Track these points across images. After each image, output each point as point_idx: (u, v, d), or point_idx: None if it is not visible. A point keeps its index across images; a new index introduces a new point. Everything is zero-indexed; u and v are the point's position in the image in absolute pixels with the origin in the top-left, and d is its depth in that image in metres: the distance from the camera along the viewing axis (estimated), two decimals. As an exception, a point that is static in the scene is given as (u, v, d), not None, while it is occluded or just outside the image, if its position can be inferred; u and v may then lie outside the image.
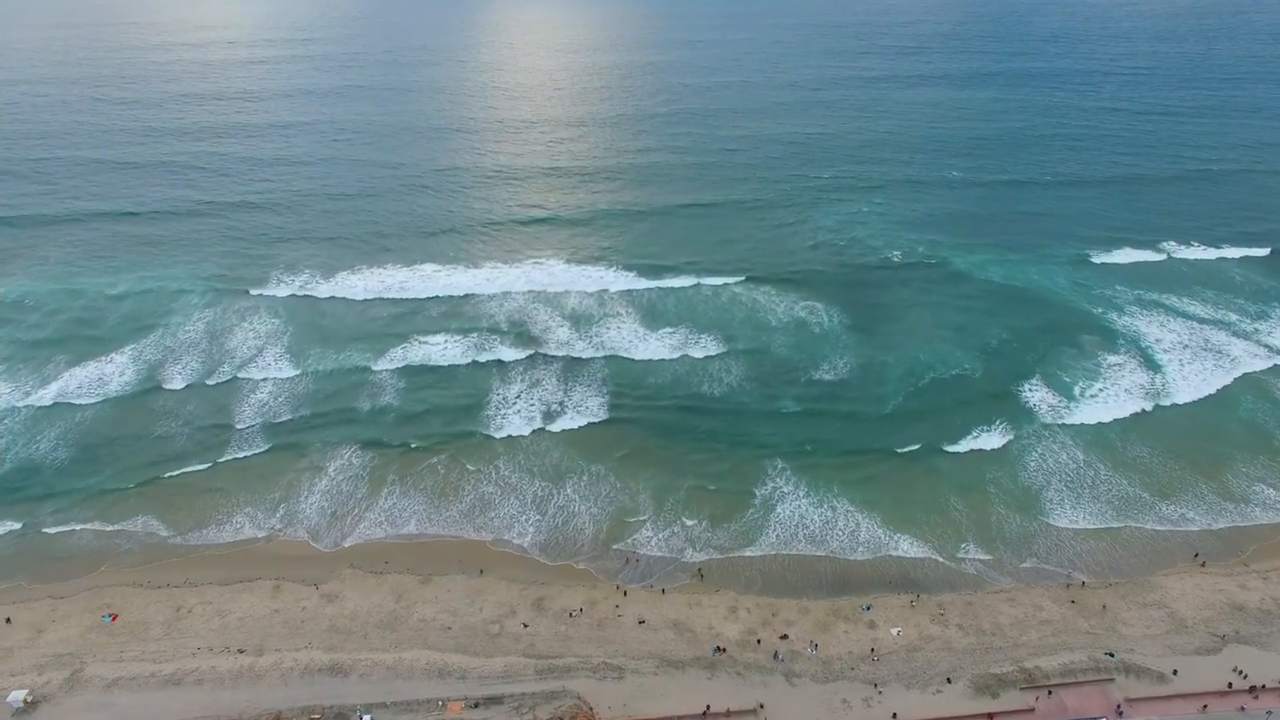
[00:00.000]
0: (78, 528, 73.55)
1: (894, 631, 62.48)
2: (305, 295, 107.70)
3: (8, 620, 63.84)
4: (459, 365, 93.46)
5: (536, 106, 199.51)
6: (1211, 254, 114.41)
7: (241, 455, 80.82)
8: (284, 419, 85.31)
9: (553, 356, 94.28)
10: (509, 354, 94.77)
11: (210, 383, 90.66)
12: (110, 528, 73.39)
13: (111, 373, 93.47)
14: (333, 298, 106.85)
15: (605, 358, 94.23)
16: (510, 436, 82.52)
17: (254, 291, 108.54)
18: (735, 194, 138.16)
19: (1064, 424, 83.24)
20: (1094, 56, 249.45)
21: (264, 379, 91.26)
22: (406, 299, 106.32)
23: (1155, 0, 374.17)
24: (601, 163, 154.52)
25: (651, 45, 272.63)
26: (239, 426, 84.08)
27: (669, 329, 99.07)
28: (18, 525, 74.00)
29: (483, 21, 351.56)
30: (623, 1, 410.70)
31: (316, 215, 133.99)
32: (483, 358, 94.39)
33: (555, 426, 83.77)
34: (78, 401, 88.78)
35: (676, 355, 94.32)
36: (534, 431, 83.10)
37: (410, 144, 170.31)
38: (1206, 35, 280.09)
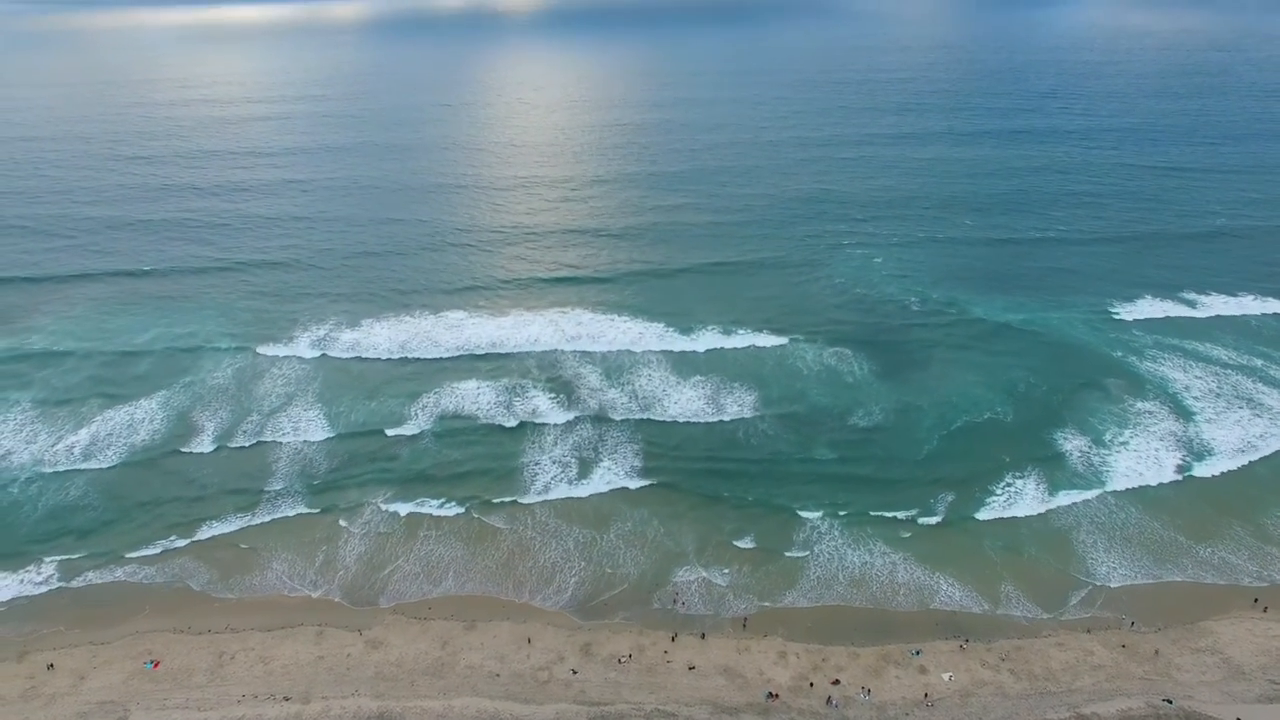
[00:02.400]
0: (115, 575, 73.17)
1: (945, 677, 61.96)
2: (329, 353, 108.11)
3: (50, 666, 63.10)
4: (488, 422, 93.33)
5: (553, 164, 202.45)
6: (1234, 306, 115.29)
7: (272, 516, 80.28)
8: (314, 478, 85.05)
9: (585, 411, 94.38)
10: (540, 410, 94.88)
11: (238, 444, 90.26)
12: (147, 577, 73.05)
13: (141, 419, 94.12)
14: (358, 357, 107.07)
15: (637, 409, 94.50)
16: (543, 493, 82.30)
17: (277, 350, 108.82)
18: (755, 250, 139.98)
19: (1098, 472, 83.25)
20: (1092, 113, 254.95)
21: (292, 439, 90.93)
22: (431, 358, 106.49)
23: (1144, 58, 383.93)
24: (623, 221, 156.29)
25: (660, 103, 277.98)
26: (269, 487, 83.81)
27: (700, 379, 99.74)
28: (54, 571, 73.72)
29: (496, 79, 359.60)
30: (627, 59, 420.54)
31: (338, 272, 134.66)
32: (513, 415, 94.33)
33: (589, 481, 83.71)
34: (108, 451, 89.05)
35: (709, 406, 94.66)
36: (567, 486, 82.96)
37: (429, 201, 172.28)
38: (1199, 93, 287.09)
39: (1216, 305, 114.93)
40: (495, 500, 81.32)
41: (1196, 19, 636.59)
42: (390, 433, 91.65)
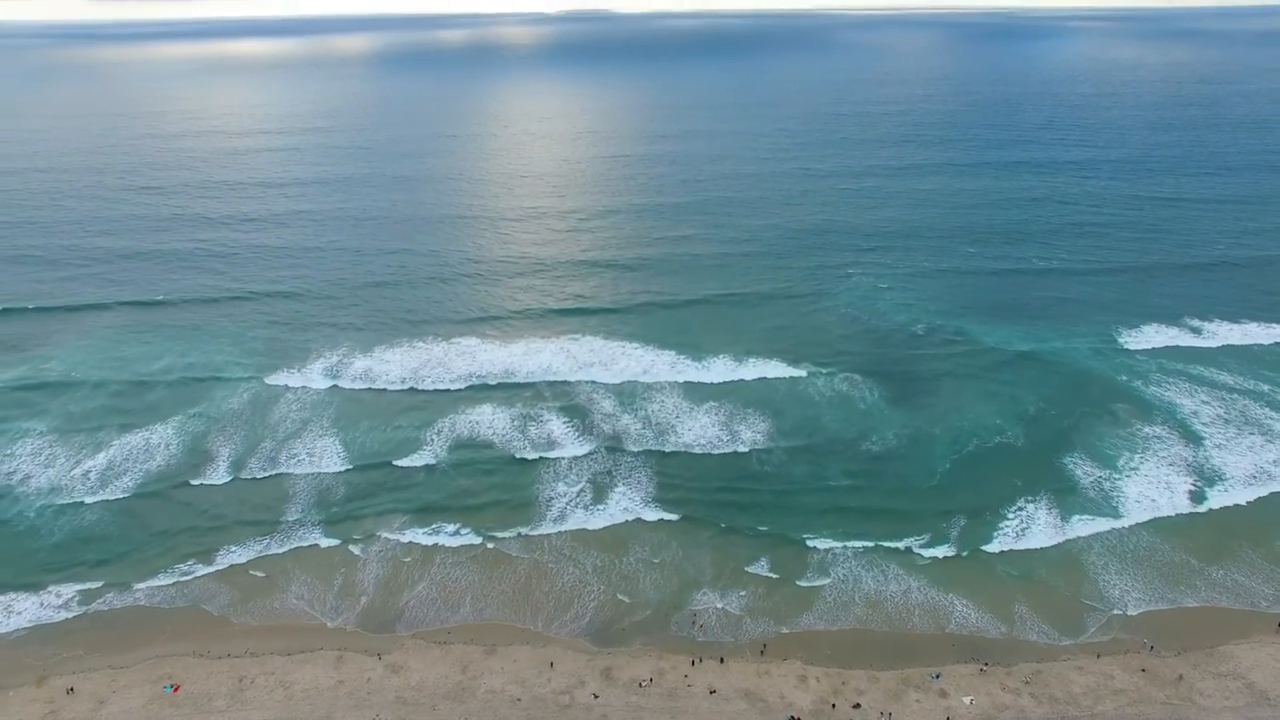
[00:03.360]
0: (133, 600, 73.31)
1: (966, 700, 61.97)
2: (341, 382, 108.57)
3: (70, 690, 62.97)
4: (503, 451, 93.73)
5: (560, 195, 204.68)
6: (1238, 334, 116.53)
7: (288, 545, 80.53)
8: (330, 507, 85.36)
9: (599, 439, 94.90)
10: (554, 438, 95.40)
11: (253, 473, 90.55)
12: (165, 602, 73.21)
13: (156, 447, 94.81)
14: (370, 387, 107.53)
15: (651, 437, 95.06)
16: (559, 521, 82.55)
17: (289, 379, 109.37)
18: (764, 280, 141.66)
19: (1110, 498, 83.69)
20: (1089, 144, 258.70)
21: (307, 468, 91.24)
22: (443, 388, 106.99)
23: (1137, 90, 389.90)
24: (632, 252, 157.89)
25: (663, 136, 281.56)
26: (285, 516, 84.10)
27: (712, 406, 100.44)
28: (73, 596, 73.76)
29: (502, 111, 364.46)
30: (629, 92, 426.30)
31: (349, 302, 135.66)
32: (527, 443, 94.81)
33: (604, 509, 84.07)
34: (123, 479, 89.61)
35: (723, 434, 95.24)
36: (583, 514, 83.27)
37: (438, 232, 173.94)
38: (1192, 124, 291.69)
39: (1222, 333, 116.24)
40: (511, 528, 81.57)
41: (1186, 52, 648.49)
42: (404, 462, 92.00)
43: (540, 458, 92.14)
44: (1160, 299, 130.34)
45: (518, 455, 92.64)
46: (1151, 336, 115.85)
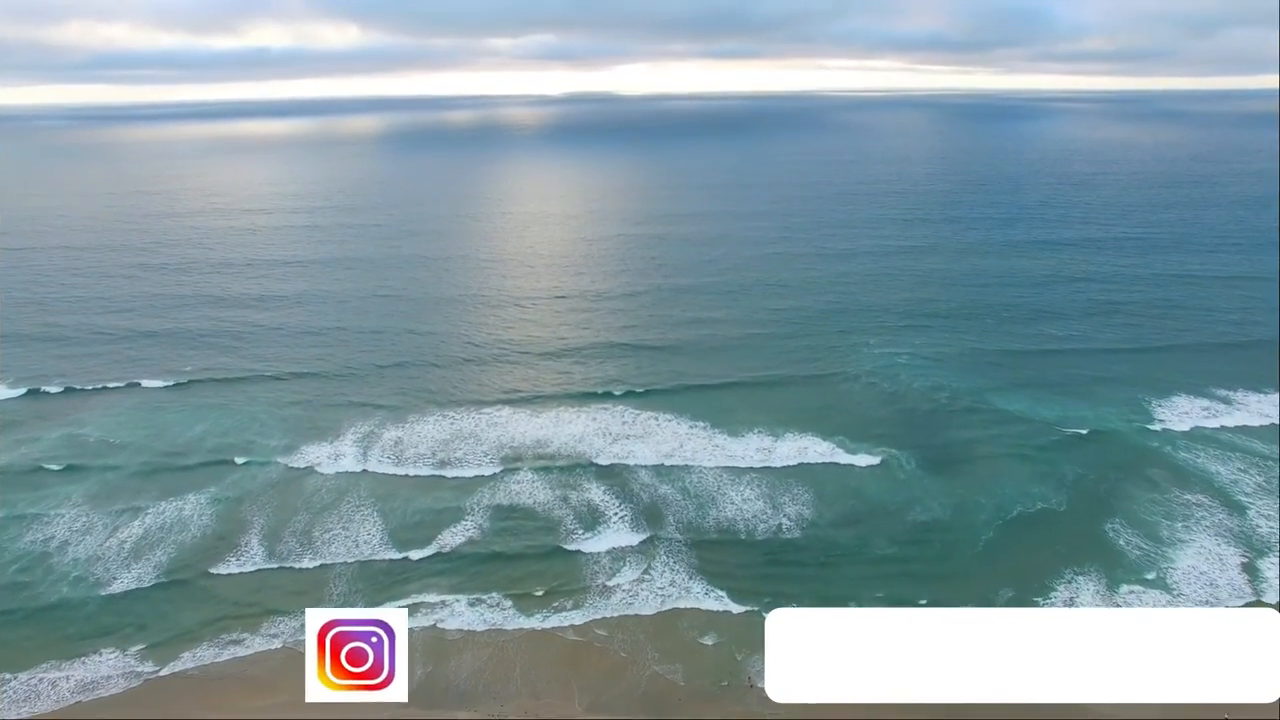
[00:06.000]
0: (182, 669, 72.45)
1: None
2: (370, 462, 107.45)
3: (121, 770, 61.73)
4: (541, 528, 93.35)
5: (580, 275, 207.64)
6: (1268, 405, 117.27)
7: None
8: (369, 585, 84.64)
9: (640, 511, 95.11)
10: (596, 509, 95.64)
11: (287, 550, 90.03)
12: (212, 675, 72.37)
13: (177, 530, 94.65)
14: (399, 470, 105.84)
15: (693, 509, 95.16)
16: (602, 596, 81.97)
17: (316, 458, 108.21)
18: (790, 359, 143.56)
19: (1157, 565, 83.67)
20: (1090, 222, 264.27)
21: (343, 545, 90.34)
22: (477, 464, 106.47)
23: (1130, 169, 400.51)
24: (658, 334, 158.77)
25: (677, 216, 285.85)
26: (326, 593, 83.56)
27: (753, 478, 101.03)
28: (114, 667, 72.79)
29: (514, 190, 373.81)
30: (635, 171, 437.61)
31: (374, 382, 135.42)
32: (566, 519, 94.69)
33: (648, 584, 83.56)
34: (147, 568, 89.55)
35: (766, 505, 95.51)
36: (626, 590, 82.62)
37: (461, 313, 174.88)
38: (1190, 202, 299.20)
39: (1251, 403, 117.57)
40: (556, 606, 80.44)
41: (1173, 133, 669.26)
42: (443, 538, 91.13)
43: (581, 531, 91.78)
44: (1184, 373, 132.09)
45: (558, 529, 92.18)
46: (1180, 405, 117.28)
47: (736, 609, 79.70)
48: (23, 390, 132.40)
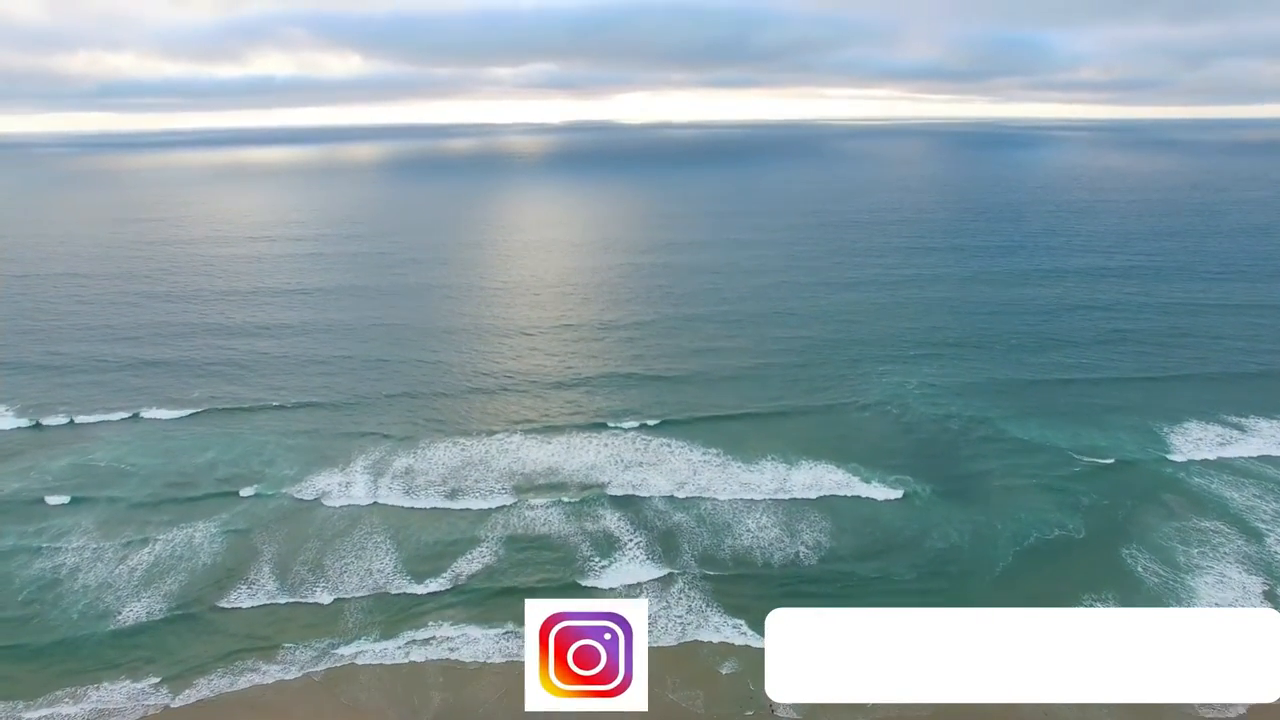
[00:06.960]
0: (196, 699, 71.49)
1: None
2: (380, 493, 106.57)
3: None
4: (556, 559, 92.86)
5: (587, 303, 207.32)
6: None
7: (342, 658, 79.92)
8: (386, 614, 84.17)
9: (655, 539, 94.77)
10: (611, 536, 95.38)
11: (300, 580, 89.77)
12: (226, 710, 71.46)
13: (200, 544, 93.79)
14: (408, 503, 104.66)
15: (708, 536, 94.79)
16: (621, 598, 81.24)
17: (325, 489, 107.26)
18: (803, 388, 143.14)
19: (1177, 595, 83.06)
20: (1093, 250, 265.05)
21: (359, 573, 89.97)
22: (488, 492, 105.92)
23: (1131, 196, 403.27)
24: (666, 364, 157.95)
25: (680, 245, 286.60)
26: (341, 623, 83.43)
27: (769, 505, 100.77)
28: (126, 699, 71.89)
29: (517, 218, 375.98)
30: (638, 199, 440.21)
31: (382, 410, 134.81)
32: (582, 549, 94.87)
33: (664, 613, 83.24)
34: (156, 601, 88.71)
35: (783, 533, 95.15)
36: (646, 625, 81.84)
37: (468, 342, 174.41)
38: (1194, 232, 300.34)
39: (1264, 430, 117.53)
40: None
41: (1170, 161, 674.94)
42: (458, 565, 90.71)
43: (598, 559, 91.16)
44: (1195, 400, 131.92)
45: (573, 556, 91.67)
46: (1193, 432, 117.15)
47: (756, 640, 78.90)
48: (28, 419, 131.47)
